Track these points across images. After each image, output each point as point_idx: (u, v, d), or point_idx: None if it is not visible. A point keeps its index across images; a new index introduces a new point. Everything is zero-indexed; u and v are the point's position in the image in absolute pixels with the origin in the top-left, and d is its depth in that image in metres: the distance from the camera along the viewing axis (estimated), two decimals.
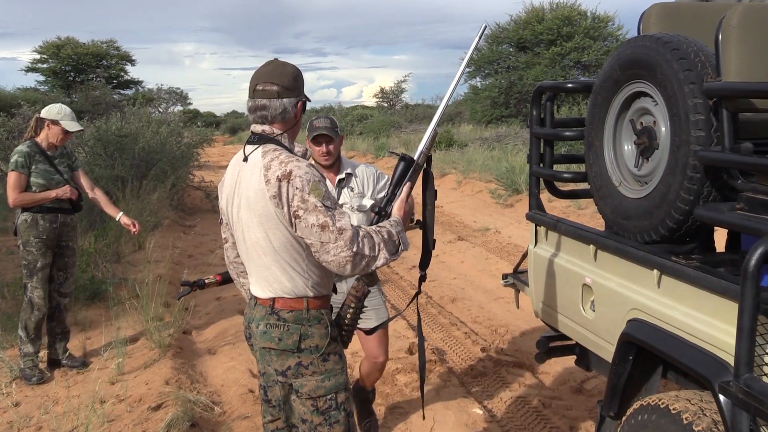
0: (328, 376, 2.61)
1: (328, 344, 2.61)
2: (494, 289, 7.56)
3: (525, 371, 5.29)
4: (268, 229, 2.54)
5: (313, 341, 2.59)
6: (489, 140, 22.20)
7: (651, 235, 2.71)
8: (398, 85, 47.24)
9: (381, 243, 2.47)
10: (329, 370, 2.61)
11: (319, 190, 2.45)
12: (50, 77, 38.78)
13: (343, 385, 2.64)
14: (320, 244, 2.43)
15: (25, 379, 5.23)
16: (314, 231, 2.43)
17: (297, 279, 2.59)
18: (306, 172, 2.47)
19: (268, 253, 2.58)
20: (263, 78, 2.62)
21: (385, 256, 2.48)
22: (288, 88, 2.61)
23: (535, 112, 3.62)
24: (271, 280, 2.62)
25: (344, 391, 2.64)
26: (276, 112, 2.61)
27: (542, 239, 3.66)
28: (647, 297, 2.65)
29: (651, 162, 2.77)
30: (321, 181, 2.49)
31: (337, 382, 2.62)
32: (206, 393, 4.93)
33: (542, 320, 3.73)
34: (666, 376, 2.72)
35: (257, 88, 2.62)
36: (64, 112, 5.23)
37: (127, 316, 6.41)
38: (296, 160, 2.51)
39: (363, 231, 2.46)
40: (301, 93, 2.67)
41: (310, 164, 2.53)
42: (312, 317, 2.60)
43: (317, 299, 2.62)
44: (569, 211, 10.78)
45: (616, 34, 29.73)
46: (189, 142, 16.35)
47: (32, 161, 5.14)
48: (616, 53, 2.92)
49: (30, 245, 5.20)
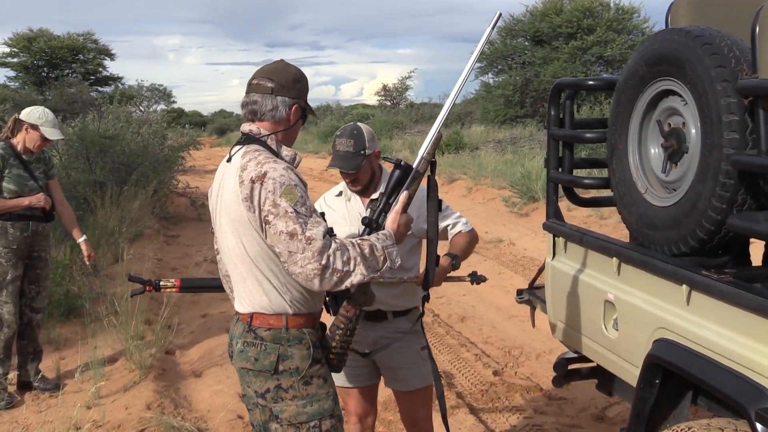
0: (311, 401, 2.60)
1: (310, 366, 2.60)
2: (508, 306, 7.56)
3: (541, 396, 5.29)
4: (242, 235, 2.57)
5: (293, 363, 2.59)
6: (502, 143, 22.26)
7: (680, 247, 2.72)
8: (402, 82, 47.27)
9: (358, 257, 2.45)
10: (312, 395, 2.60)
11: (293, 194, 2.46)
12: (21, 73, 38.88)
13: (329, 411, 2.63)
14: (288, 254, 2.43)
15: None
16: (282, 239, 2.43)
17: (274, 293, 2.60)
18: (281, 175, 2.48)
19: (244, 262, 2.61)
20: (261, 74, 2.68)
21: (362, 272, 2.44)
22: (284, 86, 2.65)
23: (553, 112, 3.63)
24: (248, 294, 2.64)
25: (330, 419, 2.63)
26: (266, 108, 2.65)
27: (560, 252, 3.66)
28: (675, 315, 2.65)
29: (680, 167, 2.78)
30: (298, 186, 2.50)
31: (321, 408, 2.61)
32: (191, 419, 4.94)
33: (560, 340, 3.73)
34: (696, 402, 2.72)
35: (252, 83, 2.68)
36: (46, 117, 5.24)
37: (105, 334, 6.42)
38: (274, 162, 2.53)
39: (338, 243, 2.44)
40: (300, 97, 2.71)
41: (289, 167, 2.55)
42: (292, 337, 2.60)
43: (299, 317, 2.62)
44: (590, 221, 10.79)
45: (642, 27, 29.80)
46: (173, 144, 16.38)
47: (6, 165, 5.15)
48: (642, 48, 2.93)
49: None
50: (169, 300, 6.54)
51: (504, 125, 28.75)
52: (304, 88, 2.73)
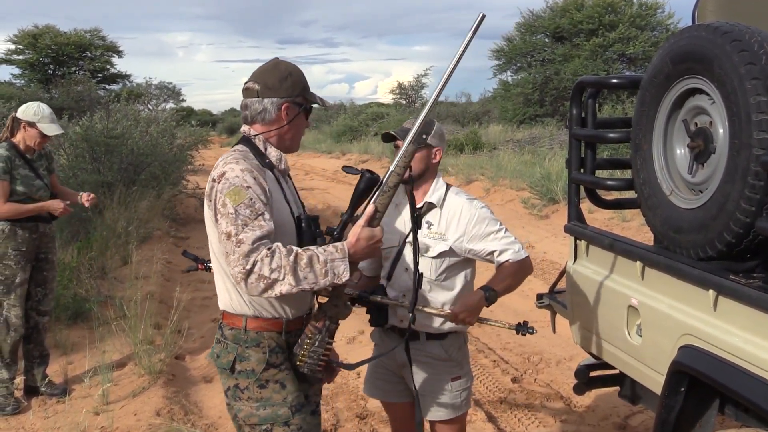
0: (264, 404, 2.68)
1: (264, 370, 2.68)
2: (527, 311, 7.52)
3: (561, 404, 5.29)
4: (211, 233, 2.71)
5: (249, 365, 2.69)
6: (521, 142, 22.21)
7: (706, 251, 2.71)
8: (418, 80, 47.06)
9: (288, 266, 2.45)
10: (266, 399, 2.69)
11: (239, 195, 2.53)
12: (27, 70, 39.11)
13: (283, 418, 2.68)
14: (226, 254, 2.54)
15: None
16: (222, 238, 2.54)
17: (234, 292, 2.71)
18: (236, 176, 2.57)
19: (214, 259, 2.76)
20: (252, 77, 2.80)
21: (290, 282, 2.46)
22: (270, 87, 2.74)
23: (575, 111, 3.63)
24: (218, 291, 2.81)
25: (283, 426, 2.68)
26: (255, 112, 2.76)
27: (582, 255, 3.65)
28: (702, 321, 2.64)
29: (707, 168, 2.77)
30: (250, 188, 2.55)
31: (274, 413, 2.68)
32: (202, 425, 4.96)
33: (581, 346, 3.72)
34: (723, 411, 2.71)
35: (244, 87, 2.79)
36: (42, 113, 5.25)
37: (113, 338, 6.46)
38: (237, 162, 2.63)
39: (270, 249, 2.47)
40: (291, 94, 2.76)
41: (251, 169, 2.61)
42: (250, 339, 2.70)
43: (259, 320, 2.71)
44: (612, 224, 10.76)
45: (666, 23, 29.72)
46: (182, 143, 16.44)
47: (13, 166, 5.16)
48: (668, 45, 2.92)
49: (7, 258, 5.24)
50: (179, 304, 6.57)
51: (523, 125, 28.74)
52: (294, 84, 2.77)
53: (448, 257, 3.35)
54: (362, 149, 27.35)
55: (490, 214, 3.40)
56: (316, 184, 20.59)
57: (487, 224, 3.35)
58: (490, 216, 3.39)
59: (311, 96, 2.83)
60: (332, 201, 16.81)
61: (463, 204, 3.39)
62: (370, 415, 5.17)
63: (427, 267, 3.35)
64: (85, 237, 9.51)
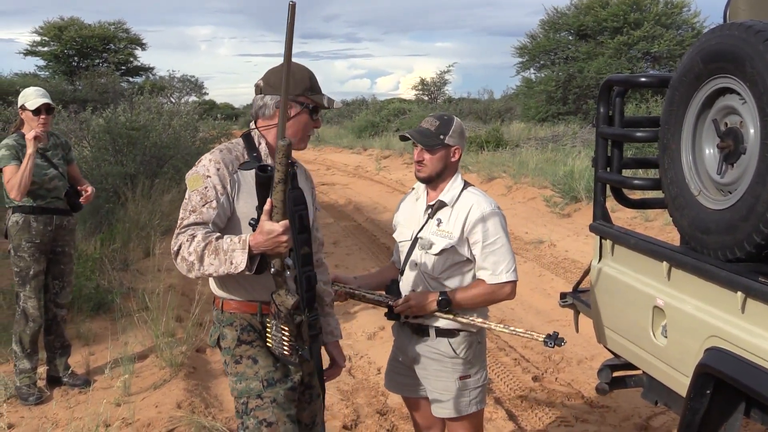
0: (240, 379, 2.89)
1: (237, 346, 2.89)
2: (549, 310, 7.53)
3: (583, 404, 5.27)
4: None
5: (226, 342, 2.92)
6: (544, 140, 22.12)
7: (735, 252, 2.69)
8: (441, 76, 47.07)
9: (198, 253, 2.65)
10: (240, 374, 2.89)
11: (196, 182, 2.76)
12: (51, 62, 39.47)
13: (255, 392, 2.85)
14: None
15: (22, 398, 5.32)
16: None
17: (214, 277, 2.85)
18: (204, 165, 2.78)
19: None
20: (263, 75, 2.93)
21: (198, 267, 2.66)
22: (272, 85, 2.87)
23: (602, 110, 3.61)
24: None
25: (256, 399, 2.85)
26: (257, 107, 2.94)
27: (607, 254, 3.63)
28: (729, 323, 2.63)
29: (736, 168, 2.75)
30: (209, 177, 2.75)
31: (247, 387, 2.87)
32: (222, 419, 4.98)
33: (605, 346, 3.71)
34: (749, 415, 2.69)
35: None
36: (26, 94, 5.29)
37: (135, 330, 6.50)
38: (213, 153, 2.84)
39: (192, 234, 2.68)
40: (292, 93, 2.81)
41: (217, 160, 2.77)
42: (225, 319, 2.93)
43: (233, 302, 2.92)
44: (635, 223, 10.70)
45: (692, 21, 29.54)
46: (205, 136, 16.51)
47: (21, 154, 5.18)
48: (699, 44, 2.90)
49: (22, 250, 5.28)
50: (200, 297, 6.59)
51: (545, 122, 28.63)
52: (296, 84, 2.85)
53: (450, 255, 3.35)
54: (384, 145, 27.32)
55: (496, 223, 3.34)
56: (337, 179, 20.59)
57: (485, 233, 3.30)
58: (496, 225, 3.33)
59: (316, 97, 2.90)
60: (353, 196, 16.82)
61: (473, 204, 3.35)
62: (390, 411, 5.17)
63: (430, 264, 3.38)
64: (108, 229, 9.57)
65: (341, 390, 5.53)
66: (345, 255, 10.49)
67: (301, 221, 2.69)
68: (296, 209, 2.67)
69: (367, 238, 12.18)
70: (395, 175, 20.02)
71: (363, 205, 15.66)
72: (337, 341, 3.31)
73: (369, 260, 10.23)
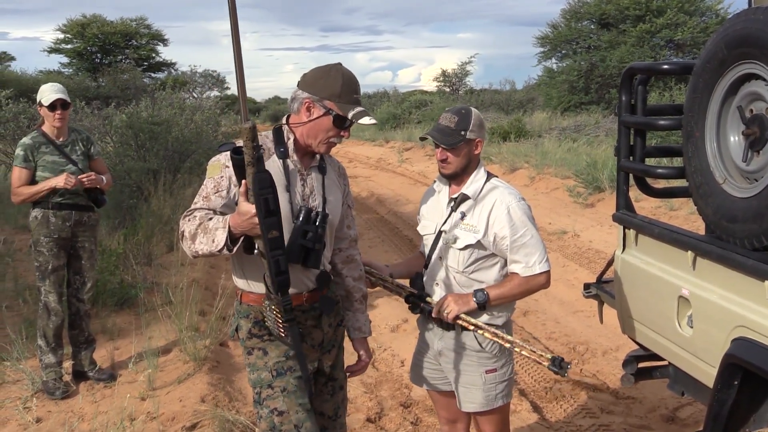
0: (252, 369, 2.99)
1: (248, 338, 2.98)
2: (573, 300, 7.49)
3: (608, 396, 5.24)
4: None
5: (242, 333, 3.01)
6: (566, 130, 22.00)
7: (761, 241, 2.64)
8: (462, 68, 46.87)
9: (193, 231, 2.74)
10: (252, 364, 2.99)
11: (213, 170, 2.84)
12: (75, 59, 39.81)
13: (266, 382, 2.93)
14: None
15: (48, 392, 5.36)
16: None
17: (235, 267, 3.00)
18: (224, 154, 2.79)
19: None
20: None
21: (191, 245, 2.75)
22: (306, 82, 2.90)
23: (624, 98, 3.58)
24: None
25: (268, 389, 2.93)
26: (291, 101, 2.96)
27: (631, 244, 3.60)
28: (757, 312, 2.59)
29: (762, 155, 2.71)
30: (226, 168, 2.79)
31: (258, 377, 2.96)
32: (246, 413, 4.98)
33: (630, 337, 3.68)
34: None
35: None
36: (43, 90, 5.32)
37: (158, 324, 6.53)
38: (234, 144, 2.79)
39: (195, 214, 2.78)
40: (317, 93, 2.84)
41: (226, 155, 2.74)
42: (242, 311, 3.01)
43: (251, 294, 2.97)
44: (659, 213, 10.62)
45: (716, 8, 29.20)
46: (227, 131, 16.55)
47: (36, 153, 5.22)
48: (723, 29, 2.85)
49: (41, 245, 5.32)
50: (223, 291, 6.61)
51: (567, 112, 28.47)
52: (326, 86, 2.85)
53: (475, 249, 3.30)
54: (406, 137, 27.30)
55: (522, 216, 3.28)
56: (359, 172, 20.60)
57: (513, 227, 3.25)
58: (522, 218, 3.28)
59: (342, 106, 2.84)
60: (376, 188, 16.82)
61: (497, 199, 3.30)
62: (414, 403, 5.16)
63: (455, 258, 3.35)
64: (132, 224, 9.61)
65: (365, 383, 5.52)
66: (368, 247, 10.48)
67: (267, 205, 2.57)
68: (261, 192, 2.55)
69: (389, 230, 12.18)
70: (417, 167, 20.00)
71: (385, 197, 15.66)
72: (365, 338, 3.30)
73: (392, 252, 10.22)
